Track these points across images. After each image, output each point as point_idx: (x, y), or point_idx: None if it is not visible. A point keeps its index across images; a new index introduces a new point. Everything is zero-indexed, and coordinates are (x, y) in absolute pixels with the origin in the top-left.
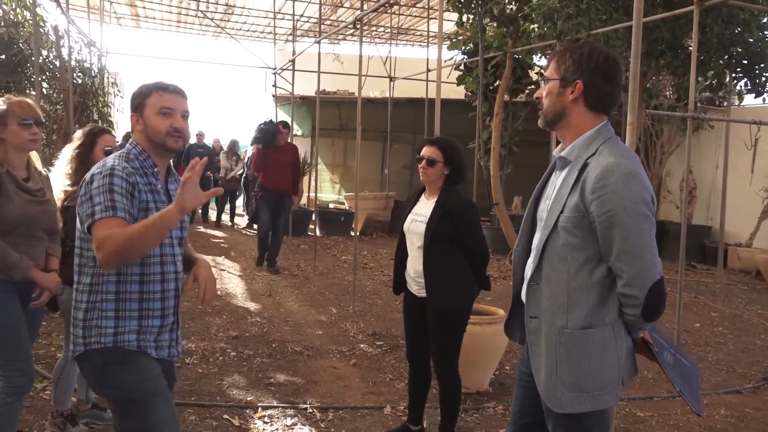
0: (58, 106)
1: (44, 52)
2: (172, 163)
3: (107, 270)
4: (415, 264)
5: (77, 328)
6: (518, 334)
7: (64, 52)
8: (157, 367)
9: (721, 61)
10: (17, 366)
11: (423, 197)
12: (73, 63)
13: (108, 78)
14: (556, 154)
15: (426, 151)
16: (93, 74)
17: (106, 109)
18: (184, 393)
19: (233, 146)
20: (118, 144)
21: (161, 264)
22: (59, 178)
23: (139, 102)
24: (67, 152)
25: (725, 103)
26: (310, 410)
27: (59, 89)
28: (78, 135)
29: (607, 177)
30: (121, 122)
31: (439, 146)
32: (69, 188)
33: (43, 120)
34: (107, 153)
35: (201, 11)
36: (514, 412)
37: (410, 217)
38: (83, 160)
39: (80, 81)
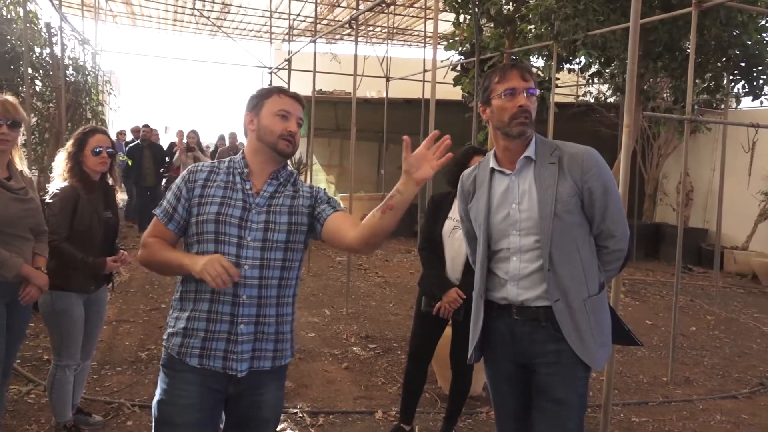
0: (51, 104)
1: (37, 50)
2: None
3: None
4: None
5: None
6: (475, 353)
7: (57, 49)
8: (191, 397)
9: (718, 64)
10: None
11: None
12: (66, 61)
13: (102, 76)
14: (498, 166)
15: None
16: (86, 72)
17: (99, 107)
18: None
19: (188, 138)
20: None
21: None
22: (58, 181)
23: (256, 102)
24: (62, 153)
25: (722, 106)
26: (301, 415)
27: (52, 87)
28: (74, 135)
29: (592, 157)
30: (116, 121)
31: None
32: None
33: (17, 120)
34: (96, 154)
35: (197, 10)
36: (514, 412)
37: (450, 222)
38: (76, 160)
39: (73, 79)
